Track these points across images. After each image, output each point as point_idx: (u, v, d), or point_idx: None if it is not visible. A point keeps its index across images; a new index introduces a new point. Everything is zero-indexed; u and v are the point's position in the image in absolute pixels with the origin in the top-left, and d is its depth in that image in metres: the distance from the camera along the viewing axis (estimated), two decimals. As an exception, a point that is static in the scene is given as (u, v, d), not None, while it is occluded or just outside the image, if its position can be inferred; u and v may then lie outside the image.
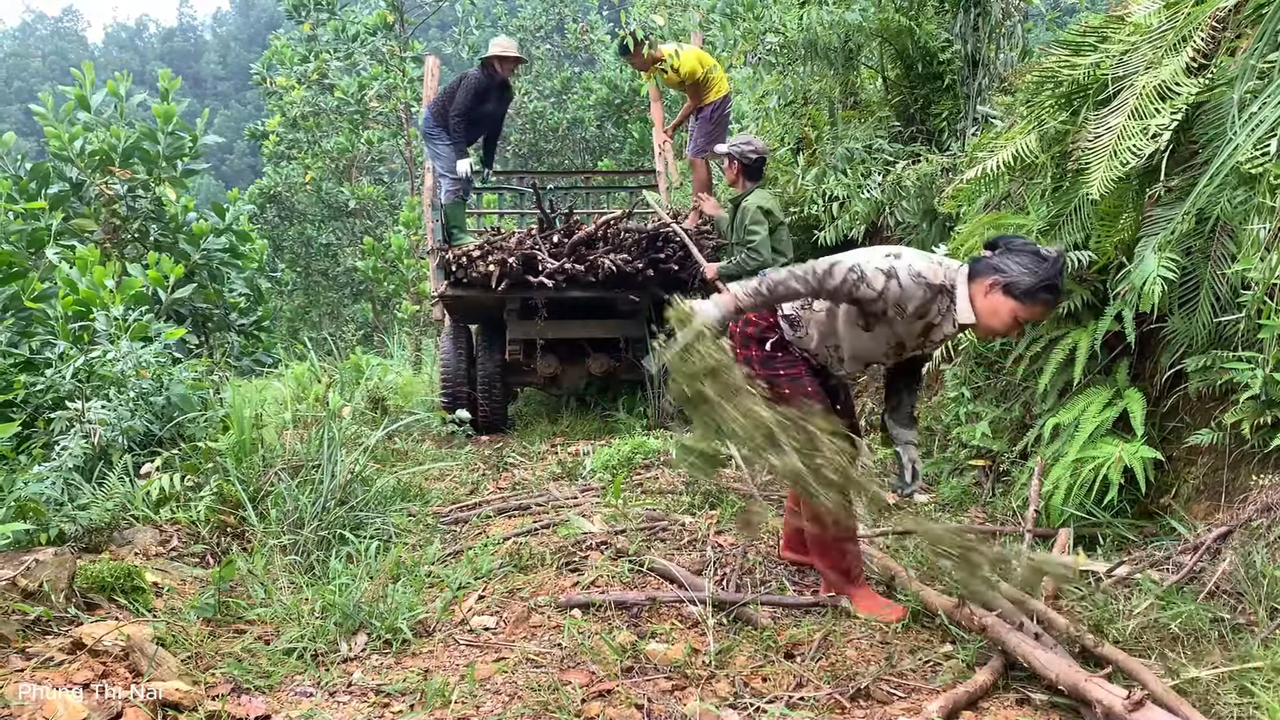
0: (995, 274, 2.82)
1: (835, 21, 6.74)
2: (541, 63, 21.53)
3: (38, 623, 2.84)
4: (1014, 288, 2.78)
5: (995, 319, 2.86)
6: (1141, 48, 3.79)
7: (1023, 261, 2.78)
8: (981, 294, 2.86)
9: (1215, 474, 3.57)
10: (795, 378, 3.19)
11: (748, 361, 3.22)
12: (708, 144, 7.71)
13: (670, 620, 3.22)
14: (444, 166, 7.77)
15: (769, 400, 2.91)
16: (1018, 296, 2.79)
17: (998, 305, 2.83)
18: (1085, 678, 2.49)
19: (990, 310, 2.86)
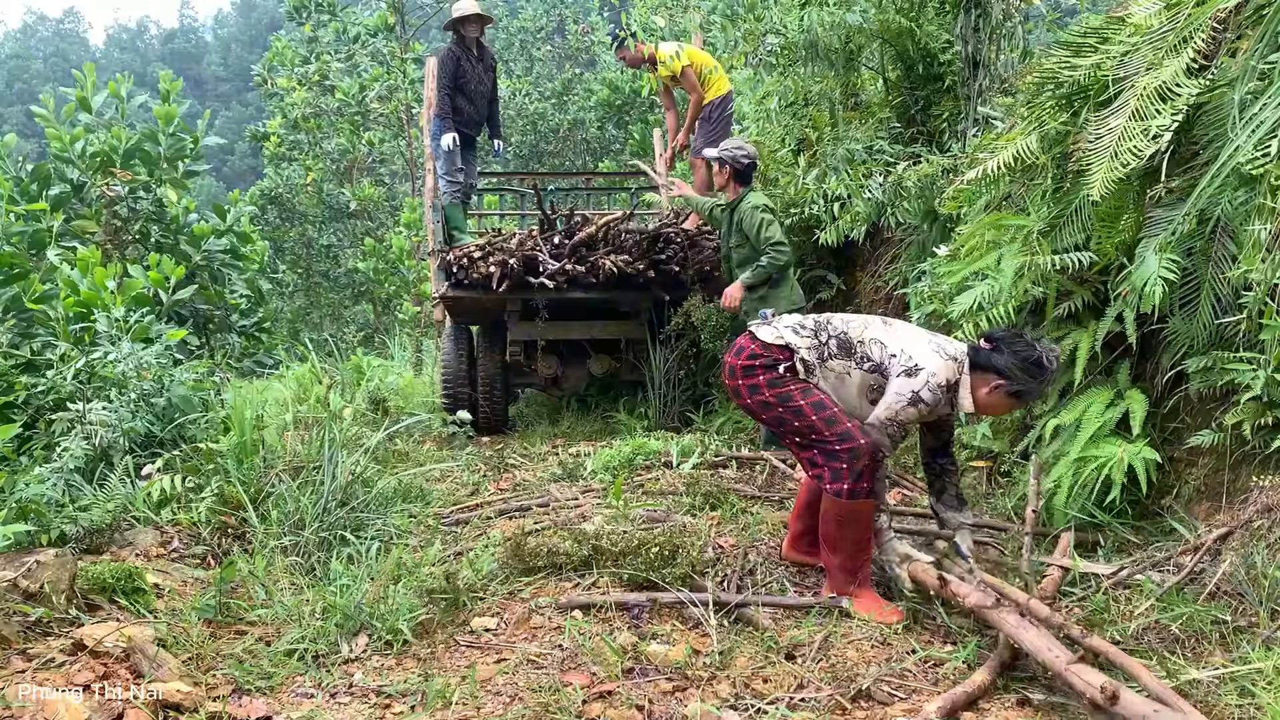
0: (1000, 377, 3.21)
1: (836, 23, 6.74)
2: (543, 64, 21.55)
3: (39, 624, 2.84)
4: (1020, 394, 3.24)
5: (993, 410, 3.38)
6: (1142, 49, 3.79)
7: (1027, 370, 3.18)
8: (984, 389, 3.25)
9: (1216, 475, 3.57)
10: (807, 389, 3.35)
11: (754, 389, 3.41)
12: (707, 143, 7.71)
13: (671, 621, 3.22)
14: (445, 168, 7.77)
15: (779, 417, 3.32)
16: (1019, 397, 3.27)
17: (998, 402, 3.28)
18: (1066, 664, 2.49)
19: (991, 404, 3.30)
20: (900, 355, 3.26)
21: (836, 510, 3.30)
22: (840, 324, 3.43)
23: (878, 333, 3.36)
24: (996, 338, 3.27)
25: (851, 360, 3.34)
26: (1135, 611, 3.08)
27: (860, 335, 3.36)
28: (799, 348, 3.36)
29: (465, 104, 7.84)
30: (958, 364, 3.27)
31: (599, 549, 3.64)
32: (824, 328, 3.42)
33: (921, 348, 3.27)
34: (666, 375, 7.27)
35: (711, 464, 5.72)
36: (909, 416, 3.23)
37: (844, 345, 3.36)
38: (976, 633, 3.10)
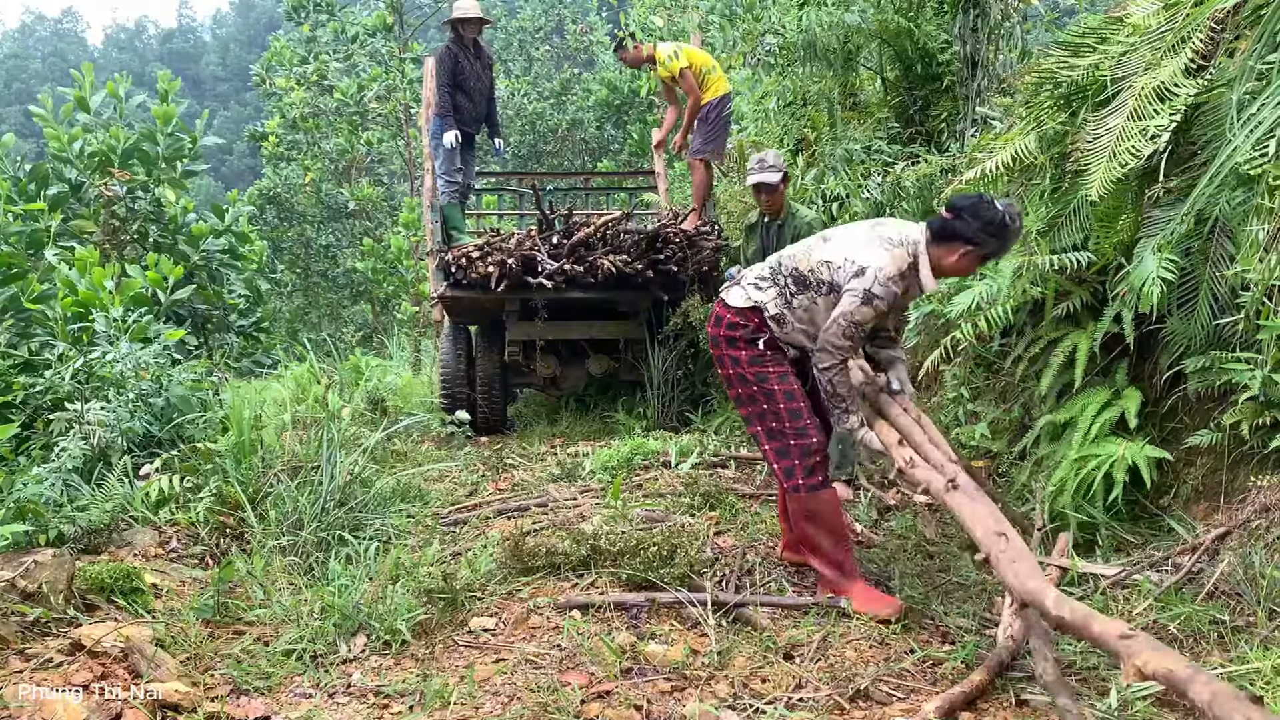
0: (968, 244, 3.21)
1: (834, 23, 6.74)
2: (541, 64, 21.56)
3: (37, 624, 2.84)
4: (987, 256, 3.29)
5: (959, 273, 3.41)
6: (1140, 49, 3.79)
7: (993, 232, 3.18)
8: (952, 258, 3.25)
9: (1214, 475, 3.57)
10: (784, 375, 3.40)
11: (735, 361, 3.43)
12: (704, 145, 7.70)
13: (669, 621, 3.22)
14: (444, 167, 7.77)
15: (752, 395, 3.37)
16: (985, 259, 3.33)
17: (966, 266, 3.30)
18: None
19: (961, 268, 3.32)
20: (845, 264, 3.28)
21: (800, 506, 3.40)
22: (790, 262, 3.43)
23: (821, 253, 3.37)
24: (959, 206, 3.24)
25: (809, 292, 3.36)
26: (1134, 611, 3.08)
27: (809, 265, 3.37)
28: (765, 304, 3.38)
29: (465, 101, 7.84)
30: (908, 248, 3.28)
31: (597, 549, 3.64)
32: (779, 271, 3.44)
33: (863, 247, 3.29)
34: (665, 375, 7.27)
35: (710, 464, 5.71)
36: (865, 316, 3.23)
37: (799, 281, 3.37)
38: (975, 633, 3.11)
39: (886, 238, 3.30)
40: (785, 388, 3.38)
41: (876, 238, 3.32)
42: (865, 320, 3.24)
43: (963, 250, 3.21)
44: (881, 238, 3.31)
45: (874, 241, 3.30)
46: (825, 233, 3.52)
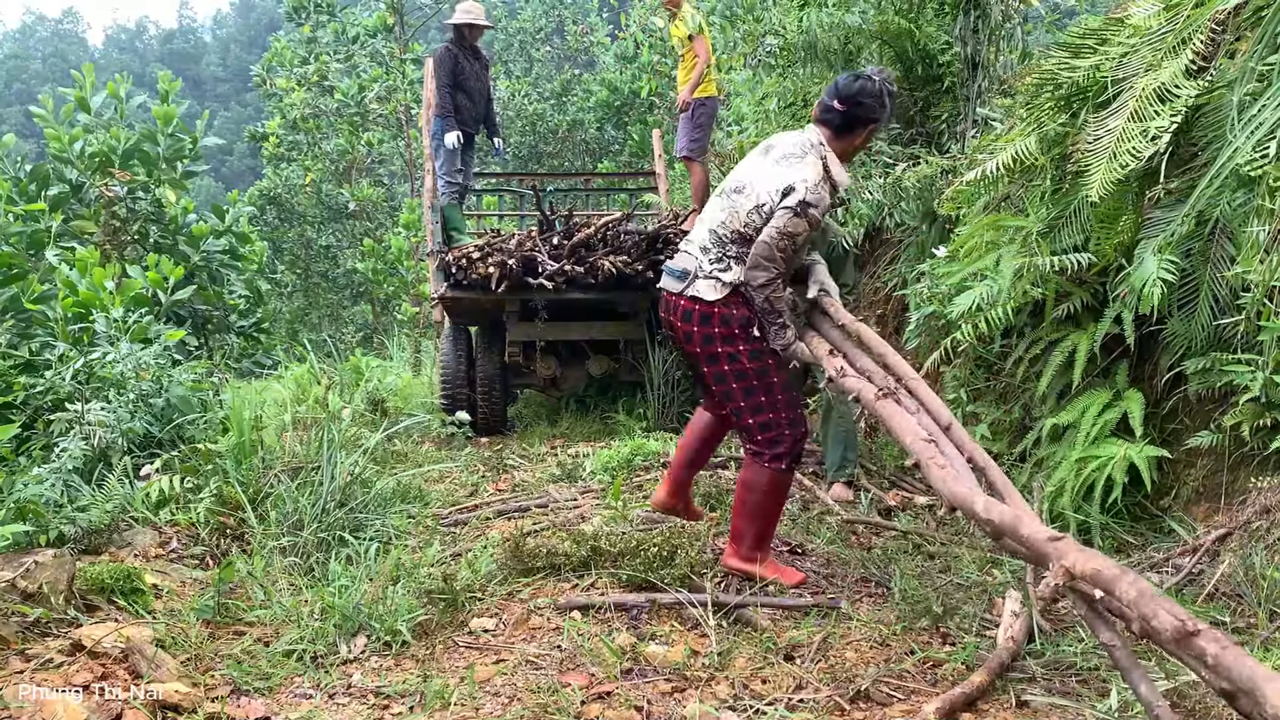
0: (871, 124, 3.41)
1: (835, 24, 6.74)
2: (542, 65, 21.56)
3: (37, 624, 2.84)
4: (885, 122, 3.53)
5: (861, 149, 3.60)
6: (1141, 50, 3.79)
7: (884, 100, 3.38)
8: (857, 141, 3.45)
9: (1215, 476, 3.57)
10: (780, 366, 3.48)
11: (734, 358, 3.43)
12: (690, 144, 7.76)
13: (670, 622, 3.22)
14: (445, 168, 7.78)
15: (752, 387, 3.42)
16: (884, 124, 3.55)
17: (868, 140, 3.50)
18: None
19: (861, 147, 3.52)
20: (772, 195, 3.30)
21: (770, 482, 3.47)
22: (725, 230, 3.41)
23: (746, 204, 3.36)
24: (848, 95, 3.36)
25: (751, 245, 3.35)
26: (1134, 612, 3.08)
27: (742, 220, 3.36)
28: (736, 282, 3.38)
29: (465, 102, 7.85)
30: (816, 148, 3.37)
31: (598, 550, 3.64)
32: (723, 243, 3.41)
33: (780, 172, 3.33)
34: (665, 376, 7.27)
35: (710, 465, 5.71)
36: (799, 228, 3.25)
37: (744, 241, 3.37)
38: (975, 634, 3.11)
39: (791, 154, 3.36)
40: (783, 379, 3.46)
41: (783, 157, 3.37)
42: (799, 233, 3.26)
43: (866, 131, 3.43)
44: (787, 155, 3.37)
45: (784, 161, 3.36)
46: (733, 186, 3.47)
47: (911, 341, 5.15)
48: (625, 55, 18.27)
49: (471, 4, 7.92)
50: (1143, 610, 1.88)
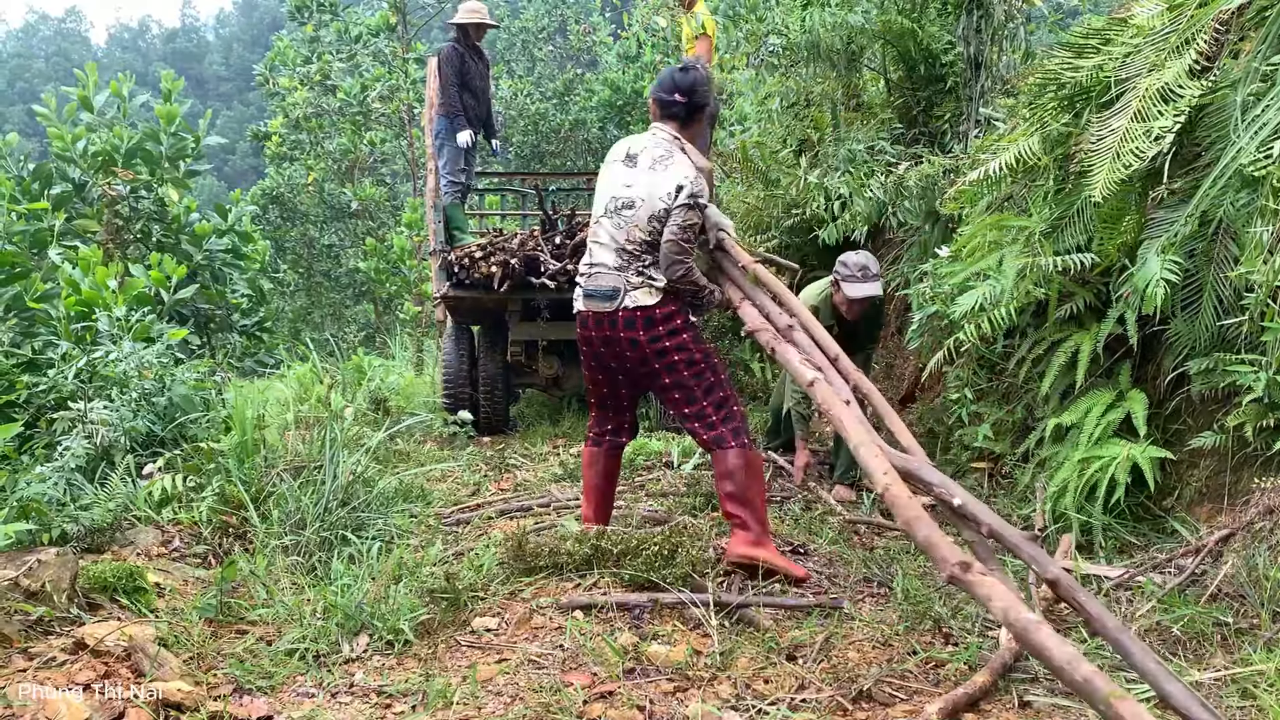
0: (705, 108, 3.70)
1: (838, 23, 6.74)
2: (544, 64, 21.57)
3: (40, 623, 2.84)
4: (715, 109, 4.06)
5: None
6: (1144, 50, 3.79)
7: (710, 87, 3.74)
8: (700, 127, 3.78)
9: (1218, 476, 3.57)
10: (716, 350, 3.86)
11: (683, 347, 3.65)
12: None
13: (672, 622, 3.22)
14: (449, 167, 7.78)
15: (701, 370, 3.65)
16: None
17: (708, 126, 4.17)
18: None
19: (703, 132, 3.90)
20: (663, 202, 3.55)
21: (745, 462, 3.61)
22: (634, 244, 3.62)
23: (644, 214, 3.58)
24: (684, 87, 3.65)
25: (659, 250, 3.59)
26: (1137, 613, 3.08)
27: (647, 230, 3.59)
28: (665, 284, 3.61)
29: (470, 101, 7.85)
30: (675, 142, 3.69)
31: (600, 549, 3.64)
32: (639, 254, 3.62)
33: (662, 174, 3.58)
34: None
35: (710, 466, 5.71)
36: (693, 219, 3.54)
37: (651, 247, 3.61)
38: (978, 634, 3.10)
39: (661, 156, 3.63)
40: (722, 362, 3.82)
41: (655, 161, 3.63)
42: (696, 223, 3.56)
43: (703, 116, 3.75)
44: (659, 159, 3.63)
45: (659, 165, 3.61)
46: (620, 204, 3.67)
47: (914, 341, 5.15)
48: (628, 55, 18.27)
49: (476, 3, 7.92)
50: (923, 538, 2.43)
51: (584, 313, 3.74)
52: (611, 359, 3.73)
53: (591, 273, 3.72)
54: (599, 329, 3.68)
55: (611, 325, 3.63)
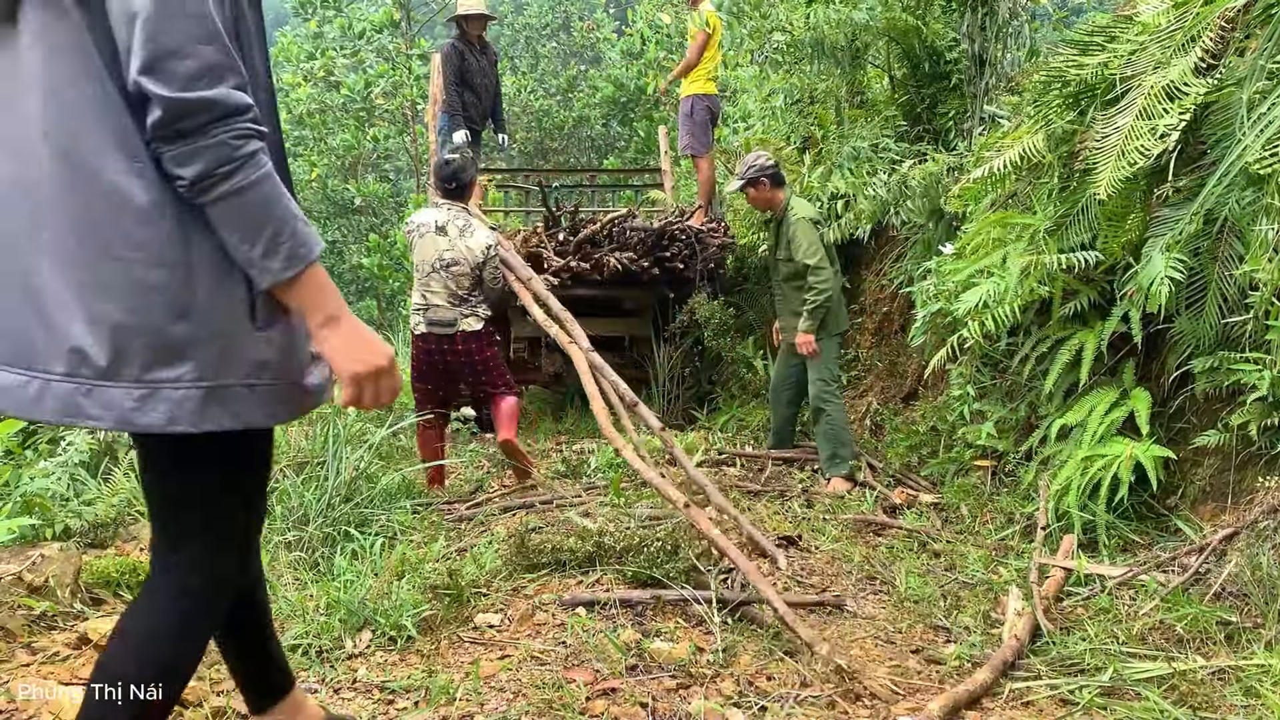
0: (471, 183, 5.25)
1: (842, 20, 6.73)
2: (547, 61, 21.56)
3: (44, 618, 2.85)
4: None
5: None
6: (1149, 47, 3.78)
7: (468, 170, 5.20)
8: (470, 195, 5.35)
9: (1222, 475, 3.56)
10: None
11: (491, 358, 5.25)
12: (691, 141, 7.75)
13: (674, 618, 3.22)
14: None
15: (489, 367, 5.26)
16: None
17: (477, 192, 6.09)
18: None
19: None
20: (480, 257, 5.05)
21: (517, 400, 5.41)
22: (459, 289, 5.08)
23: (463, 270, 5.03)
24: (450, 176, 5.11)
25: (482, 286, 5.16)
26: (1140, 612, 3.08)
27: (470, 280, 5.06)
28: (486, 315, 5.19)
29: (471, 98, 7.84)
30: (468, 212, 5.20)
31: (602, 546, 3.64)
32: (465, 298, 5.09)
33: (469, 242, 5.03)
34: (670, 373, 7.27)
35: (715, 461, 5.71)
36: (499, 264, 5.21)
37: (476, 287, 5.12)
38: (980, 632, 3.10)
39: (467, 226, 5.06)
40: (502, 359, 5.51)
41: (463, 230, 5.04)
42: (499, 266, 5.18)
43: (471, 187, 5.25)
44: (465, 228, 5.05)
45: (467, 232, 5.03)
46: (445, 263, 5.01)
47: (917, 339, 5.14)
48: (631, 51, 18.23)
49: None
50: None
51: (429, 334, 5.06)
52: (444, 366, 5.15)
53: (430, 307, 5.06)
54: (440, 345, 5.08)
55: (451, 342, 5.08)
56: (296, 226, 1.39)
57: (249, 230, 1.35)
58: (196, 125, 1.30)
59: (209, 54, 1.31)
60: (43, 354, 1.38)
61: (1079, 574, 3.41)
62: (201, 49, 1.30)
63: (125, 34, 1.30)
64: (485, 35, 8.07)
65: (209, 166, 1.31)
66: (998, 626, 3.11)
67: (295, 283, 1.40)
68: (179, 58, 1.29)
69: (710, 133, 7.93)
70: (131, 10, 1.28)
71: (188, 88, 1.29)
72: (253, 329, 1.43)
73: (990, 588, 3.52)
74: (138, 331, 1.36)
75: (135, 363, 1.37)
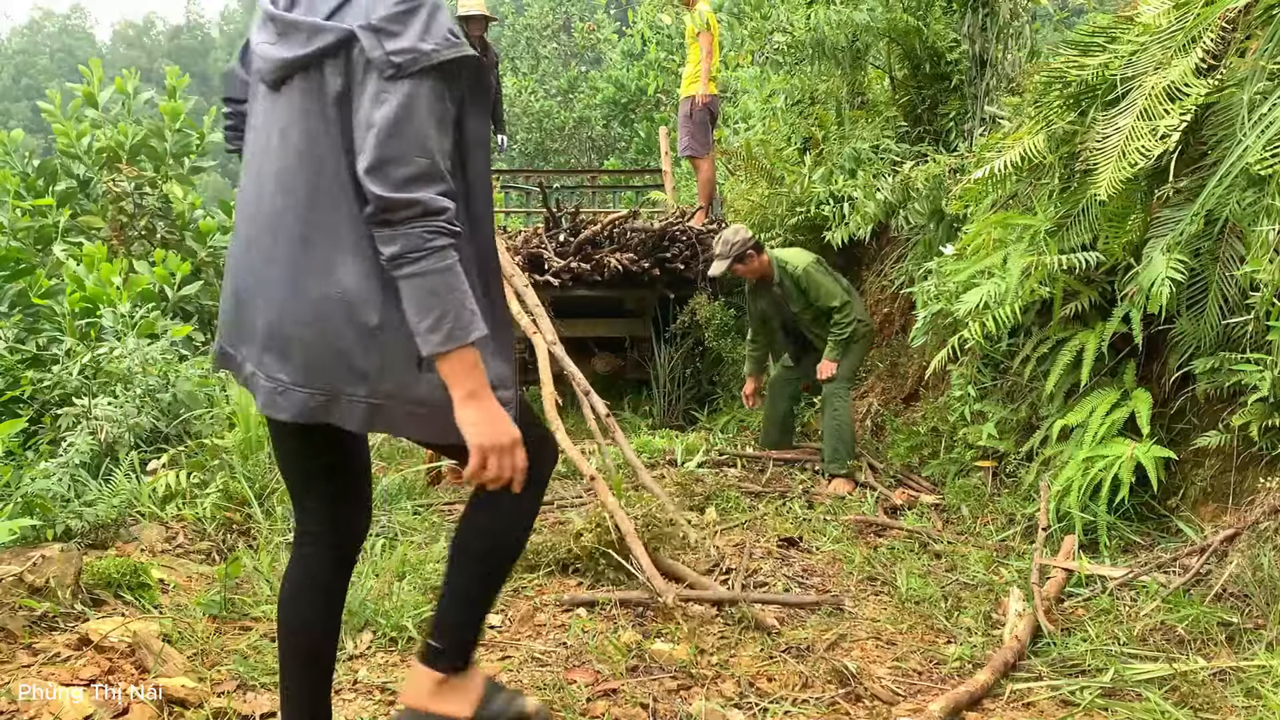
0: None
1: (843, 21, 6.73)
2: (548, 61, 21.58)
3: (44, 619, 2.85)
4: None
5: None
6: (1150, 48, 3.78)
7: None
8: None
9: (1223, 476, 3.56)
10: None
11: None
12: (691, 142, 7.75)
13: (676, 620, 3.22)
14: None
15: None
16: None
17: None
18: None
19: None
20: None
21: None
22: None
23: None
24: None
25: None
26: (1141, 613, 3.08)
27: None
28: None
29: None
30: None
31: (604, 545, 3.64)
32: None
33: None
34: (671, 374, 7.27)
35: (715, 462, 5.71)
36: None
37: None
38: (981, 633, 3.10)
39: None
40: None
41: None
42: None
43: None
44: None
45: None
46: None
47: (918, 340, 5.14)
48: (632, 52, 18.25)
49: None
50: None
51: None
52: None
53: None
54: None
55: None
56: (462, 313, 1.65)
57: (422, 306, 1.64)
58: (400, 219, 1.61)
59: (422, 164, 1.61)
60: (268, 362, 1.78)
61: (1080, 575, 3.41)
62: (417, 159, 1.61)
63: (361, 136, 1.63)
64: (486, 36, 8.07)
65: (403, 250, 1.62)
66: (999, 627, 3.11)
67: (448, 357, 1.66)
68: (396, 165, 1.60)
69: (710, 134, 7.94)
70: (371, 121, 1.61)
71: (399, 189, 1.60)
72: (419, 373, 1.73)
73: (991, 589, 3.52)
74: (331, 355, 1.73)
75: (321, 377, 1.74)
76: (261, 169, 1.82)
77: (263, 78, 1.82)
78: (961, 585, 3.60)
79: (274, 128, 1.78)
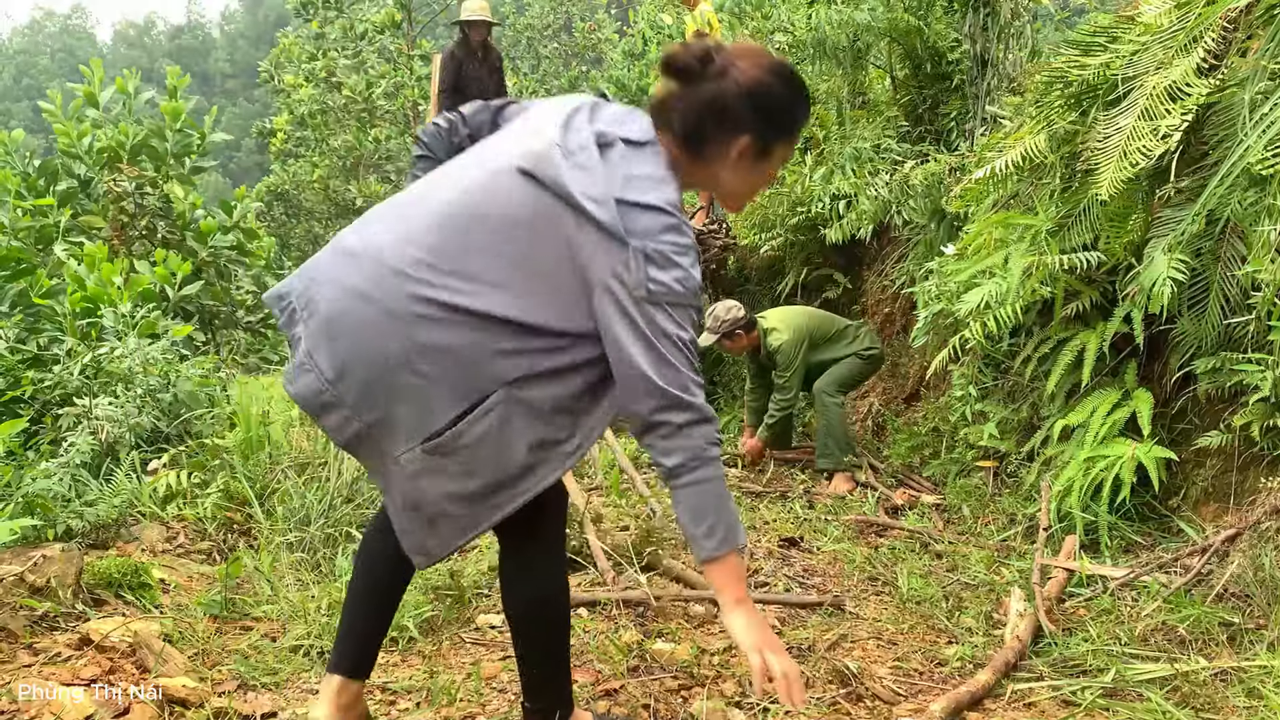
0: None
1: (844, 21, 6.73)
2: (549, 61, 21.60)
3: (45, 618, 2.85)
4: None
5: None
6: (1152, 48, 3.77)
7: None
8: None
9: (1224, 476, 3.56)
10: None
11: None
12: None
13: (676, 619, 3.22)
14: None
15: None
16: None
17: None
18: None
19: None
20: None
21: None
22: None
23: None
24: None
25: None
26: (1142, 613, 3.07)
27: None
28: None
29: (461, 100, 7.85)
30: None
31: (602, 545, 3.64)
32: None
33: None
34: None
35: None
36: None
37: None
38: (982, 633, 3.10)
39: None
40: None
41: None
42: None
43: None
44: None
45: None
46: None
47: (919, 340, 5.14)
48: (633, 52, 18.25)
49: (476, 1, 7.89)
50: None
51: None
52: None
53: None
54: None
55: None
56: (732, 520, 1.76)
57: (698, 514, 1.74)
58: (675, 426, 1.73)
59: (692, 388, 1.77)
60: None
61: (1081, 575, 3.40)
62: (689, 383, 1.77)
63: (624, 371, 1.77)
64: (489, 38, 8.06)
65: (684, 461, 1.72)
66: (1000, 627, 3.11)
67: (720, 562, 1.75)
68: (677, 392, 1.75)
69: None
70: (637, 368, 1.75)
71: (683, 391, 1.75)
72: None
73: (992, 589, 3.51)
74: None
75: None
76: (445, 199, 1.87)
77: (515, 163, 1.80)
78: (962, 585, 3.59)
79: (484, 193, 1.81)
